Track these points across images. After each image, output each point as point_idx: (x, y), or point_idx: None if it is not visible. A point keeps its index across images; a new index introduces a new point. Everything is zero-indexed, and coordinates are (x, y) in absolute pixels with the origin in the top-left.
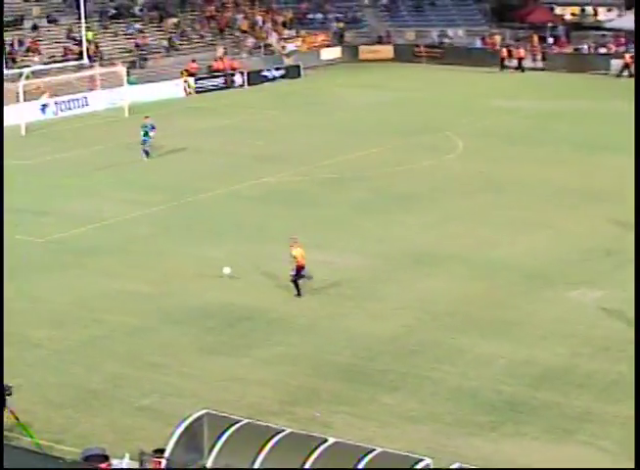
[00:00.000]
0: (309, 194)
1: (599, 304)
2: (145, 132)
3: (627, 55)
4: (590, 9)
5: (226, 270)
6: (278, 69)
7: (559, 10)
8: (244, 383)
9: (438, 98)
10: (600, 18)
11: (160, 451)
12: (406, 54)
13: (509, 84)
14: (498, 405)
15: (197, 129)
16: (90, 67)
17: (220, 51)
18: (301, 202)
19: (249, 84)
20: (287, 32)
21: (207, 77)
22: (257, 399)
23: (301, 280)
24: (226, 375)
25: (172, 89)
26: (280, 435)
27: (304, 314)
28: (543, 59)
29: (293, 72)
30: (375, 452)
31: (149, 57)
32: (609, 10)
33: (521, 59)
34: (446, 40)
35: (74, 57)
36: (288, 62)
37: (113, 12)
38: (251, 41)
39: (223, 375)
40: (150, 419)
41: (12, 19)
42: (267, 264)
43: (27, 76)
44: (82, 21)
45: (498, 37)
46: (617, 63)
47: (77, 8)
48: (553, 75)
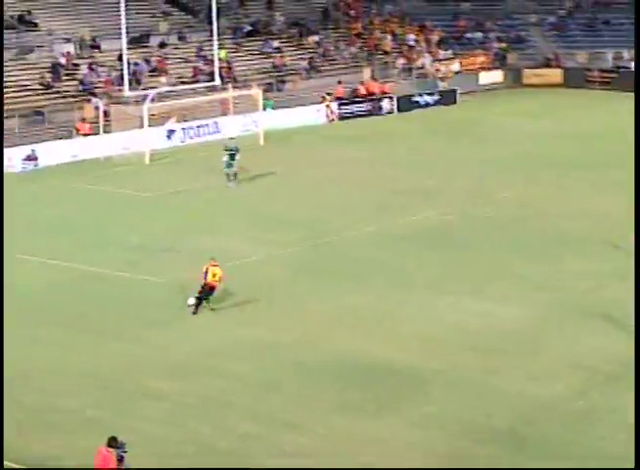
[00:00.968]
0: (461, 235)
1: None
2: (231, 155)
3: None
4: None
5: (190, 301)
6: (431, 94)
7: None
8: (389, 446)
9: (613, 129)
10: None
11: None
12: (577, 79)
13: None
14: None
15: (338, 159)
16: (222, 89)
17: (367, 73)
18: (452, 243)
19: (398, 111)
20: (442, 53)
21: (352, 102)
22: (404, 462)
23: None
24: (368, 436)
25: (312, 115)
26: None
27: (455, 370)
28: None
29: (447, 98)
30: None
31: (287, 79)
32: None
33: None
34: (622, 63)
35: (205, 78)
36: (442, 86)
37: (248, 28)
38: (401, 62)
39: (365, 436)
40: None
41: (137, 35)
42: (412, 313)
43: (153, 99)
44: (214, 38)
45: None
46: None
47: (209, 24)
48: None
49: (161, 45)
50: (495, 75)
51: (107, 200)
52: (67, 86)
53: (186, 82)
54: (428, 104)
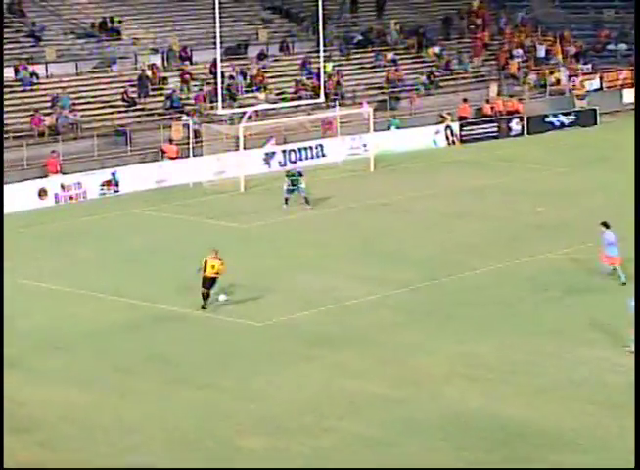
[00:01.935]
0: (601, 277)
1: None
2: (292, 181)
3: None
4: None
5: (222, 297)
6: (567, 113)
7: None
8: None
9: None
10: None
11: None
12: None
13: None
14: None
15: (460, 189)
16: (328, 107)
17: (493, 89)
18: (593, 286)
19: (529, 133)
20: (580, 67)
21: (476, 123)
22: None
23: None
24: None
25: (430, 137)
26: None
27: (593, 432)
28: None
29: (586, 119)
30: None
31: (402, 95)
32: None
33: None
34: None
35: (309, 94)
36: (580, 105)
37: (358, 38)
38: (532, 77)
39: None
40: None
41: (233, 45)
42: (542, 364)
43: (250, 118)
44: (320, 48)
45: None
46: None
47: (315, 33)
48: None
49: (261, 56)
50: None
51: (195, 232)
52: (152, 103)
53: (287, 99)
54: (563, 125)
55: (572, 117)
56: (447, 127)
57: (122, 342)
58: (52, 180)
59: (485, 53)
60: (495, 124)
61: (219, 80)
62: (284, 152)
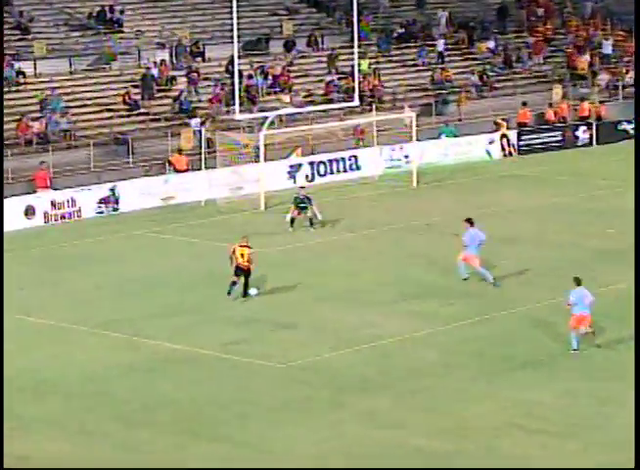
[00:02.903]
0: None
1: None
2: (301, 209)
3: None
4: None
5: (253, 291)
6: None
7: None
8: None
9: None
10: None
11: None
12: None
13: None
14: None
15: (517, 208)
16: (363, 111)
17: (557, 92)
18: None
19: (598, 142)
20: None
21: (537, 131)
22: None
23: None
24: None
25: (483, 147)
26: None
27: None
28: None
29: None
30: None
31: (450, 98)
32: None
33: None
34: None
35: (341, 97)
36: None
37: (399, 31)
38: (603, 78)
39: None
40: None
41: (253, 39)
42: (616, 416)
43: (272, 124)
44: (355, 44)
45: None
46: None
47: (348, 25)
48: None
49: (285, 52)
50: None
51: (207, 257)
52: (158, 106)
53: (316, 102)
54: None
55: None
56: (503, 136)
57: (122, 386)
58: (41, 196)
59: (548, 49)
60: (559, 133)
61: (236, 80)
62: (311, 164)
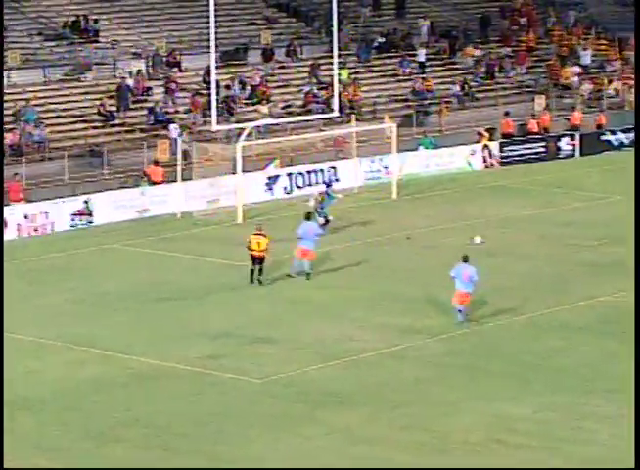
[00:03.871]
0: None
1: None
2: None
3: None
4: None
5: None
6: (627, 130)
7: None
8: None
9: None
10: None
11: None
12: None
13: None
14: None
15: (498, 220)
16: (343, 122)
17: (540, 102)
18: None
19: (582, 154)
20: None
21: (519, 142)
22: None
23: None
24: None
25: (464, 158)
26: None
27: None
28: None
29: None
30: None
31: (432, 109)
32: None
33: None
34: None
35: (320, 107)
36: None
37: (379, 41)
38: (586, 88)
39: None
40: None
41: (231, 49)
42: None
43: (250, 135)
44: (334, 53)
45: None
46: None
47: (328, 34)
48: None
49: (263, 62)
50: None
51: (184, 270)
52: (134, 117)
53: (295, 113)
54: (623, 144)
55: (633, 134)
56: (485, 147)
57: (96, 402)
58: (13, 209)
59: (531, 59)
60: (542, 144)
61: (214, 91)
62: (289, 176)
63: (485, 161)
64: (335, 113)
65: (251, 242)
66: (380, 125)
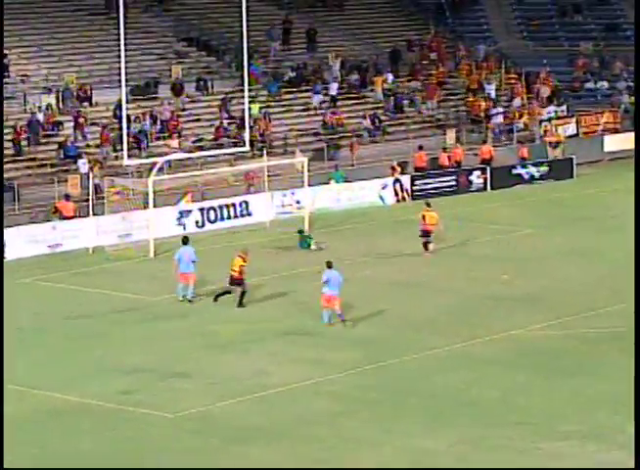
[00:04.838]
0: (580, 357)
1: None
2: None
3: None
4: None
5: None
6: (538, 164)
7: None
8: None
9: None
10: None
11: None
12: None
13: None
14: None
15: (409, 254)
16: (254, 156)
17: (451, 136)
18: (567, 369)
19: (492, 187)
20: (552, 110)
21: (430, 176)
22: None
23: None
24: None
25: (375, 192)
26: None
27: None
28: None
29: (561, 171)
30: None
31: (343, 143)
32: None
33: None
34: None
35: (231, 142)
36: (553, 154)
37: (290, 75)
38: (496, 121)
39: None
40: None
41: (141, 83)
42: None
43: (161, 170)
44: (245, 87)
45: None
46: None
47: (238, 69)
48: None
49: (174, 97)
50: (626, 140)
51: (96, 305)
52: (44, 152)
53: (206, 147)
54: (533, 178)
55: (544, 168)
56: (396, 181)
57: (7, 439)
58: None
59: (442, 93)
60: (453, 177)
61: (124, 125)
62: (201, 210)
63: (397, 194)
64: (246, 147)
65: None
66: (291, 159)
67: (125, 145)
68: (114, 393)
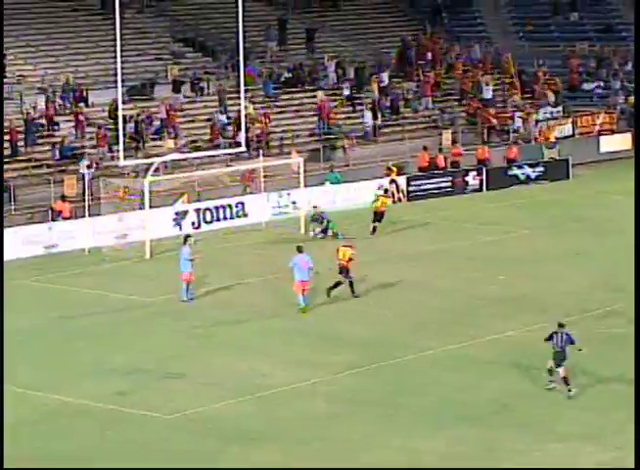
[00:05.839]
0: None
1: None
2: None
3: None
4: None
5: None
6: (534, 165)
7: None
8: None
9: None
10: None
11: None
12: None
13: None
14: None
15: (405, 255)
16: (251, 157)
17: (447, 137)
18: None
19: (488, 188)
20: (549, 110)
21: (426, 177)
22: None
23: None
24: None
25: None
26: None
27: None
28: None
29: (556, 171)
30: None
31: (339, 144)
32: None
33: None
34: None
35: (227, 142)
36: (549, 155)
37: (286, 75)
38: (492, 122)
39: None
40: None
41: (137, 84)
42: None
43: (157, 171)
44: (241, 88)
45: None
46: None
47: (235, 69)
48: None
49: (170, 97)
50: (622, 141)
51: (92, 306)
52: (41, 152)
53: (202, 148)
54: (529, 179)
55: (540, 169)
56: (392, 182)
57: (8, 440)
58: None
59: (438, 93)
60: (448, 178)
61: (121, 125)
62: (197, 211)
63: (393, 195)
64: (242, 148)
65: (338, 251)
66: (287, 160)
67: (122, 145)
68: (110, 393)
